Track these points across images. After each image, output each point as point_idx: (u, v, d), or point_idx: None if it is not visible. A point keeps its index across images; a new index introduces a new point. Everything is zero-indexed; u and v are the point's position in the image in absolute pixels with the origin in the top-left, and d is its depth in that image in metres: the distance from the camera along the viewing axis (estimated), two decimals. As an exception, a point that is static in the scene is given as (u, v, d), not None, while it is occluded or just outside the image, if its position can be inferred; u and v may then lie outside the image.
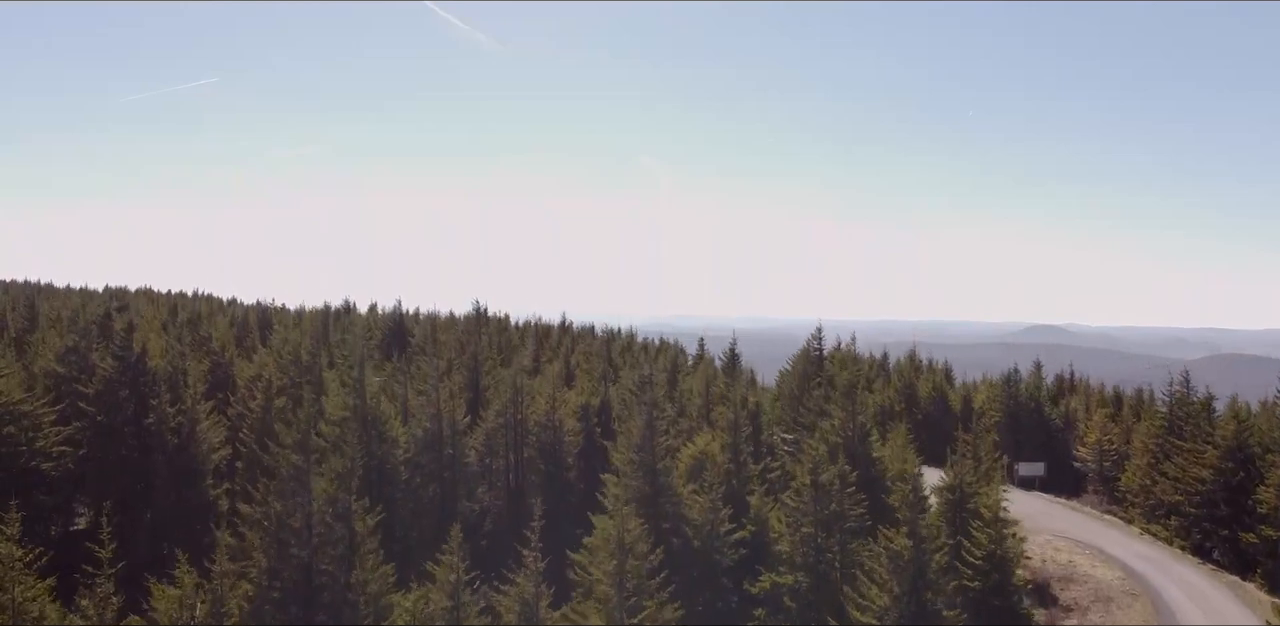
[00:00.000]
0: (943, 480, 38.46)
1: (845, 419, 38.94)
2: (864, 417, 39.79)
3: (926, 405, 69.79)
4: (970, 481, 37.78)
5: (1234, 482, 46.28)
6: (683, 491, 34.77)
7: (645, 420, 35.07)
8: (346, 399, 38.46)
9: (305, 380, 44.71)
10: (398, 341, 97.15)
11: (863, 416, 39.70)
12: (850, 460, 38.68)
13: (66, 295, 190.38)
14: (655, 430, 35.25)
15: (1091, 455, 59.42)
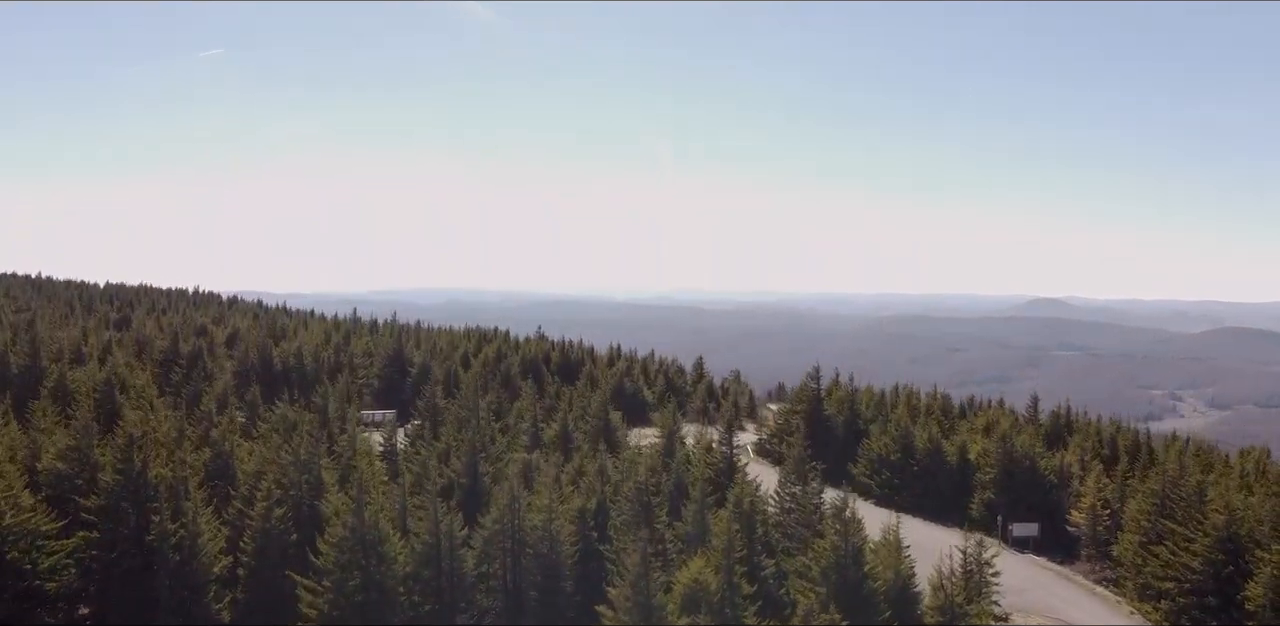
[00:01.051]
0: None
1: (839, 542, 39.30)
2: (857, 539, 40.08)
3: (923, 457, 70.31)
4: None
5: (1223, 574, 46.89)
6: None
7: (640, 556, 35.51)
8: (348, 519, 38.98)
9: (305, 480, 45.16)
10: (399, 371, 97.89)
11: (856, 537, 39.98)
12: (841, 580, 39.40)
13: (66, 292, 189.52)
14: (650, 565, 35.73)
15: (1085, 520, 59.90)
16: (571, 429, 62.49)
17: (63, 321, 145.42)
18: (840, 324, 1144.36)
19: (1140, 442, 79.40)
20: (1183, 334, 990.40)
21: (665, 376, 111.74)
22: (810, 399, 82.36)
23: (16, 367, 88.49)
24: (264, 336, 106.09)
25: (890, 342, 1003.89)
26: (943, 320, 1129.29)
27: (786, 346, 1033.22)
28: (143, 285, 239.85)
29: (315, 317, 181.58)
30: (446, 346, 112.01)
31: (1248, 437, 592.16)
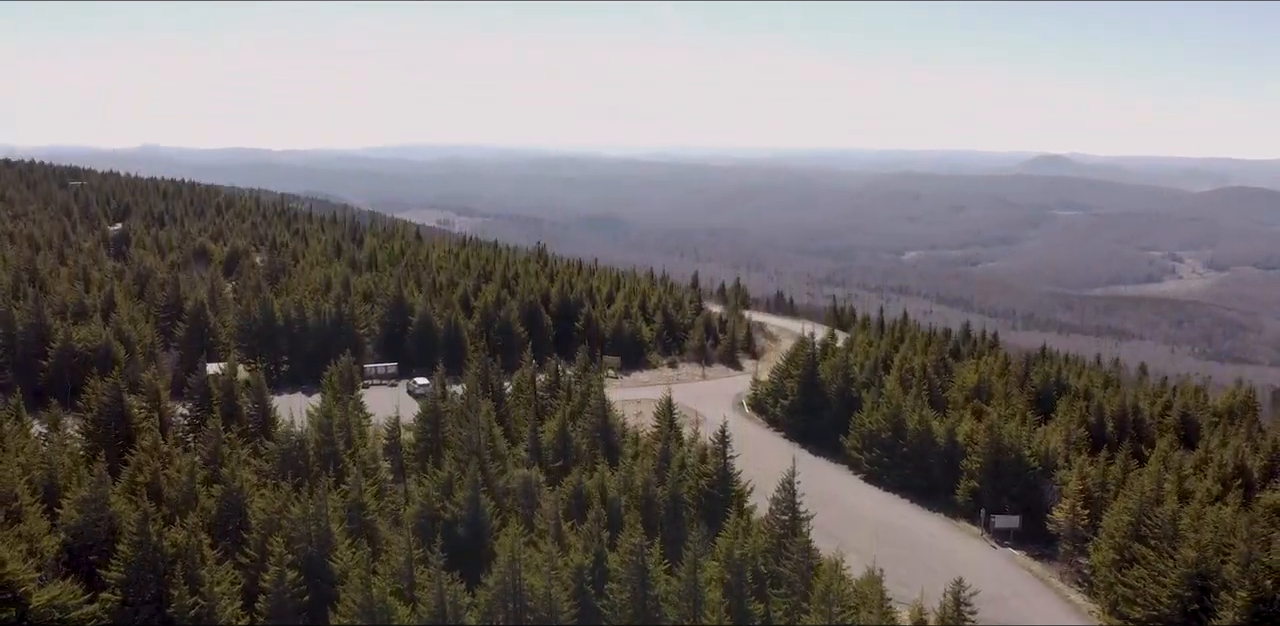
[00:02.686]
0: None
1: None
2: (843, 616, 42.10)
3: (913, 438, 72.20)
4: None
5: (1189, 610, 49.39)
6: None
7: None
8: (356, 597, 40.99)
9: (314, 532, 46.88)
10: (400, 318, 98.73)
11: (842, 614, 42.00)
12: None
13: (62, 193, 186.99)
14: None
15: (1065, 518, 62.14)
16: (570, 430, 63.83)
17: (62, 238, 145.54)
18: (842, 181, 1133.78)
19: (1128, 409, 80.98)
20: (1187, 193, 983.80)
21: (664, 312, 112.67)
22: (806, 364, 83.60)
23: (22, 325, 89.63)
24: (260, 281, 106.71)
25: (892, 201, 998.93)
26: (947, 178, 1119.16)
27: (786, 205, 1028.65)
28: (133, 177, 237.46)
29: (315, 226, 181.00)
30: (446, 283, 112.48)
31: (1244, 300, 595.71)
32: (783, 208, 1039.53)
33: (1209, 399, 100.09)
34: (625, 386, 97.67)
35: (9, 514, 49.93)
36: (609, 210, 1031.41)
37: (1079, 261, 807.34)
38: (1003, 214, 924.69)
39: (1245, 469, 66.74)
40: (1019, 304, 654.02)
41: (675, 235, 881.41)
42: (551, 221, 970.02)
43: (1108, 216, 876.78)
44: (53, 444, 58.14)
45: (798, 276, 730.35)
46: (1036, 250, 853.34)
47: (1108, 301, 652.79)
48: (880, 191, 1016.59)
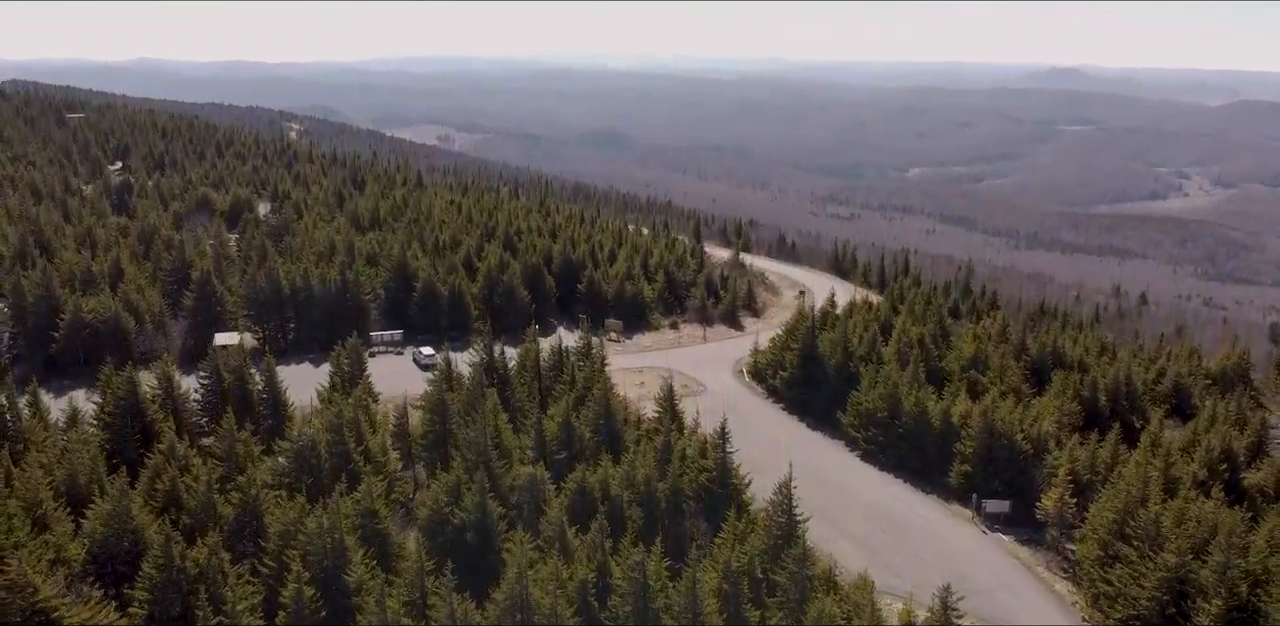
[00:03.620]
0: None
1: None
2: None
3: (909, 420, 73.91)
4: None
5: (1167, 613, 51.70)
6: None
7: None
8: (372, 619, 43.17)
9: (330, 546, 48.83)
10: (404, 283, 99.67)
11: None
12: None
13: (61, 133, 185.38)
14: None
15: (1053, 507, 64.15)
16: (574, 421, 65.43)
17: (64, 186, 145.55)
18: (846, 94, 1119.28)
19: (1121, 383, 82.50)
20: (1198, 107, 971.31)
21: (666, 271, 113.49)
22: (805, 338, 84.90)
23: (32, 296, 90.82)
24: (265, 241, 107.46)
25: (897, 116, 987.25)
26: (954, 91, 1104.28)
27: (789, 120, 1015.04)
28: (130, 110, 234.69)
29: (317, 169, 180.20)
30: (449, 242, 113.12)
31: (1250, 218, 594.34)
32: (786, 123, 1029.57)
33: (1203, 361, 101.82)
34: (627, 351, 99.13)
35: (35, 521, 52.03)
36: (609, 125, 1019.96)
37: (1085, 178, 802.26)
38: (1010, 129, 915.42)
39: (1231, 452, 68.45)
40: (1023, 223, 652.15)
41: (677, 151, 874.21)
42: (550, 138, 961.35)
43: (1116, 132, 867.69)
44: (71, 442, 59.84)
45: (801, 195, 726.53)
46: (1043, 166, 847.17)
47: (1112, 220, 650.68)
48: (885, 106, 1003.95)
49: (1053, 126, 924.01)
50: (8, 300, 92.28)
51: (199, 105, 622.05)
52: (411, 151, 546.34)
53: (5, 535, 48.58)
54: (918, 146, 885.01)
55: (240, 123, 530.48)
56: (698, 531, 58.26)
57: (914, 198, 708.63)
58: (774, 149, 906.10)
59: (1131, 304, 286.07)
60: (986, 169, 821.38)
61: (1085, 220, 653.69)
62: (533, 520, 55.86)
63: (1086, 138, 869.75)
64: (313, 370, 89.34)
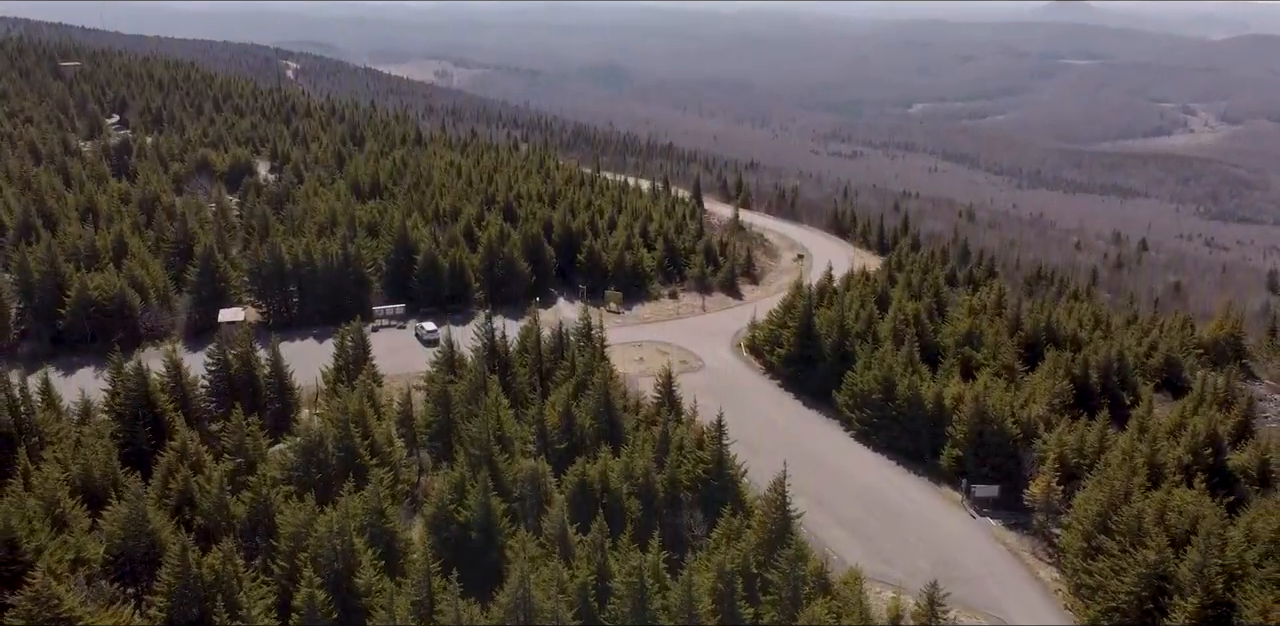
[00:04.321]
0: None
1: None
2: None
3: (902, 402, 75.49)
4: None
5: (1145, 608, 53.79)
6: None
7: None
8: None
9: (340, 548, 50.64)
10: (406, 255, 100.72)
11: None
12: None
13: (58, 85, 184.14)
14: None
15: (1040, 495, 66.03)
16: (574, 409, 66.94)
17: (63, 146, 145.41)
18: (848, 28, 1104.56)
19: (1112, 361, 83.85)
20: (1205, 41, 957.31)
21: (665, 239, 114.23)
22: (802, 316, 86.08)
23: (37, 273, 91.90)
24: (266, 210, 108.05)
25: (899, 50, 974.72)
26: (958, 25, 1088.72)
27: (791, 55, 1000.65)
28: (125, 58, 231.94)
29: (316, 125, 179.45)
30: (449, 210, 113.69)
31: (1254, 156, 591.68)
32: (787, 57, 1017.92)
33: (1195, 330, 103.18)
34: (626, 324, 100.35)
35: (54, 519, 53.88)
36: (609, 59, 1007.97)
37: (1089, 114, 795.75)
38: (1013, 64, 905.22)
39: (1216, 436, 70.05)
40: (1025, 161, 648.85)
41: (677, 86, 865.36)
42: (550, 72, 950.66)
43: (1121, 67, 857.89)
44: (86, 435, 61.47)
45: (802, 132, 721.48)
46: (1046, 102, 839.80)
47: (1115, 158, 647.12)
48: (887, 40, 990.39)
49: (1057, 61, 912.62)
50: (14, 274, 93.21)
51: (191, 42, 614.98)
52: (409, 90, 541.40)
53: (28, 537, 50.38)
54: (920, 82, 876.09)
55: (236, 63, 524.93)
56: (695, 522, 60.18)
57: (916, 135, 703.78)
58: (775, 83, 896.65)
59: (1132, 250, 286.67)
60: (989, 105, 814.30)
61: (1088, 158, 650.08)
62: (535, 516, 57.70)
63: (1091, 73, 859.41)
64: (316, 346, 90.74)
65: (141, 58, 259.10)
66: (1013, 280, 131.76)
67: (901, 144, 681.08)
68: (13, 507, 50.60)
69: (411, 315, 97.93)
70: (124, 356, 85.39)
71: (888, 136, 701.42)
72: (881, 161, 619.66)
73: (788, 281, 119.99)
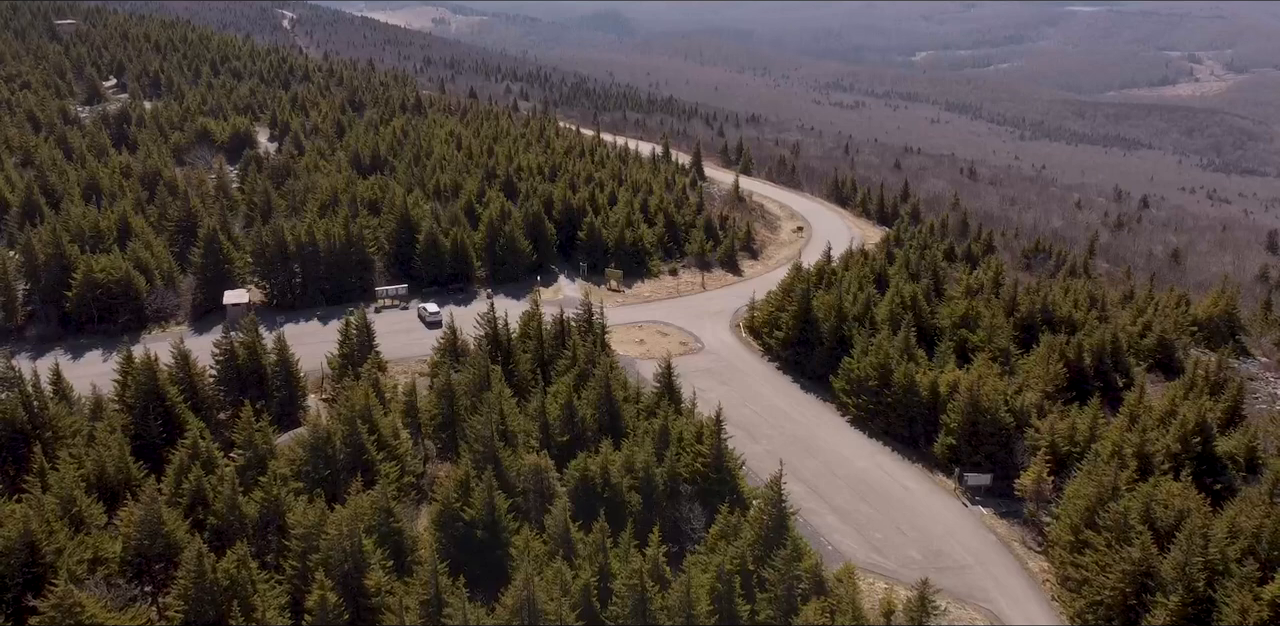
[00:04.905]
0: None
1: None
2: None
3: (898, 390, 76.81)
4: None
5: (1128, 604, 55.63)
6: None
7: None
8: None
9: (350, 549, 52.32)
10: (408, 235, 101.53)
11: None
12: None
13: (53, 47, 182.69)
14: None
15: (1031, 487, 67.64)
16: (576, 402, 68.27)
17: (61, 115, 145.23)
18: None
19: (1106, 345, 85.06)
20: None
21: (665, 214, 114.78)
22: (800, 300, 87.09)
23: (43, 255, 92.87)
24: (269, 188, 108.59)
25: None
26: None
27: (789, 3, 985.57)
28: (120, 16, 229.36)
29: (316, 90, 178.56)
30: (450, 185, 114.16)
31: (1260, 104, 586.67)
32: (790, 4, 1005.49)
33: (1190, 306, 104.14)
34: (627, 303, 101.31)
35: (71, 518, 55.53)
36: (610, 6, 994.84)
37: (1093, 63, 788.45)
38: (1018, 11, 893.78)
39: (1205, 425, 71.45)
40: (1029, 111, 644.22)
41: (679, 35, 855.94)
42: (550, 21, 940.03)
43: (1127, 14, 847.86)
44: (99, 430, 62.94)
45: (804, 82, 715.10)
46: (1050, 51, 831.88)
47: (1119, 109, 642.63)
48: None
49: (1062, 7, 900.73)
50: (19, 255, 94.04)
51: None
52: (407, 40, 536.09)
53: (47, 539, 52.03)
54: (924, 29, 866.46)
55: (230, 12, 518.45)
56: (694, 516, 61.86)
57: (919, 85, 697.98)
58: (777, 31, 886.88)
59: (1133, 207, 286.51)
60: (993, 52, 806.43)
61: (1091, 108, 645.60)
62: (538, 513, 59.33)
63: (1097, 20, 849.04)
64: (320, 327, 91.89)
65: (137, 17, 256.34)
66: (1011, 251, 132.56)
67: (904, 94, 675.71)
68: (32, 510, 52.11)
69: (414, 295, 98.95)
70: (131, 339, 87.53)
71: (890, 86, 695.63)
72: (883, 112, 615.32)
73: (787, 255, 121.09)
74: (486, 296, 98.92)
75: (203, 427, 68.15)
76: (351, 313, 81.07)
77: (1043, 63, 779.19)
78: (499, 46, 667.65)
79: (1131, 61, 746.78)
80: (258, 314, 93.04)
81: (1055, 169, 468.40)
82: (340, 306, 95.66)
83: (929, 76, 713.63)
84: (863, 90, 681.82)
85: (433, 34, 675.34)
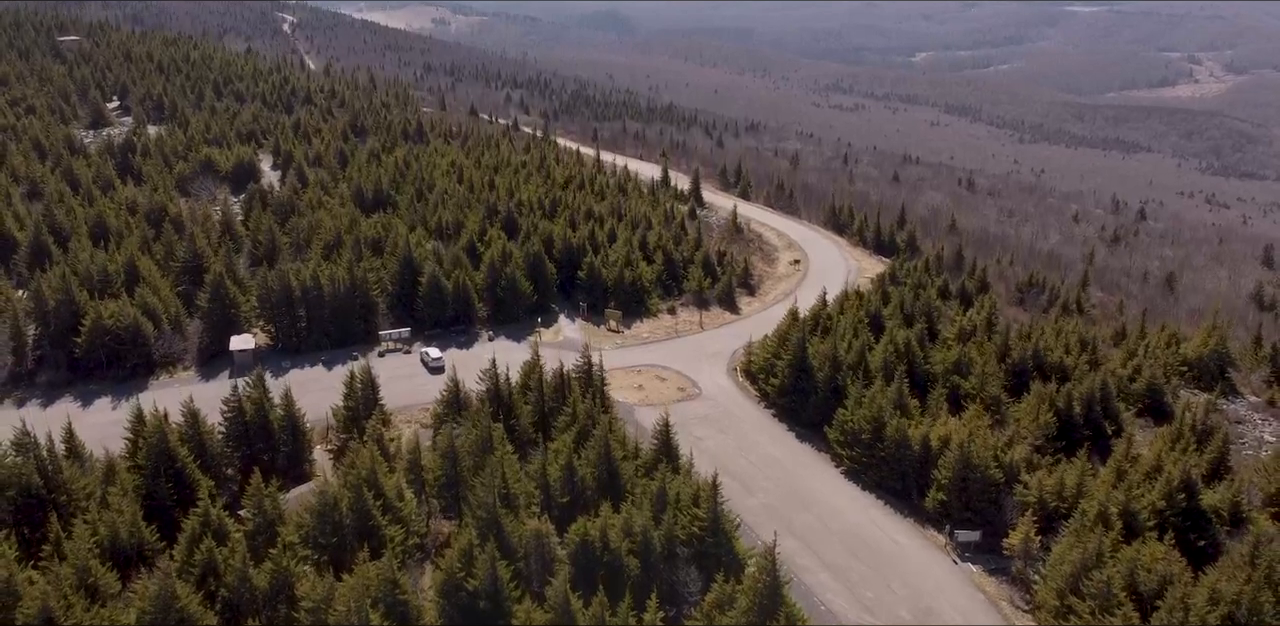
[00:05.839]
0: None
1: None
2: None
3: (890, 444, 78.60)
4: None
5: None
6: None
7: None
8: None
9: (356, 624, 54.10)
10: (410, 278, 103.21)
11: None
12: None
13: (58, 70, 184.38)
14: None
15: (1019, 546, 69.46)
16: (576, 463, 70.05)
17: (67, 143, 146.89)
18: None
19: (1095, 395, 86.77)
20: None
21: (664, 253, 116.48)
22: (796, 349, 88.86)
23: (53, 301, 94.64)
24: (273, 226, 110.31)
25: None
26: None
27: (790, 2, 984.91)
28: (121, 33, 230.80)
29: (318, 115, 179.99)
30: (452, 224, 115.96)
31: (1259, 106, 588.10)
32: (791, 4, 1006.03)
33: (1180, 345, 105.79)
34: (626, 344, 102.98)
35: (87, 588, 57.39)
36: (610, 6, 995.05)
37: (1093, 63, 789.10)
38: (1018, 10, 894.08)
39: (1190, 481, 73.25)
40: (1028, 113, 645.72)
41: (679, 35, 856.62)
42: (550, 20, 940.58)
43: (1128, 14, 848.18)
44: (112, 495, 64.74)
45: (804, 83, 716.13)
46: (1051, 51, 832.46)
47: (1118, 111, 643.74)
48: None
49: (1062, 7, 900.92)
50: (28, 301, 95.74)
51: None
52: (407, 45, 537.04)
53: (64, 612, 53.92)
54: (925, 29, 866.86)
55: (231, 16, 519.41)
56: (690, 580, 63.67)
57: (919, 86, 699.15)
58: (777, 30, 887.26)
59: (1130, 218, 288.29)
60: (993, 53, 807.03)
61: (1090, 111, 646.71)
62: (540, 579, 61.13)
63: (1097, 20, 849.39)
64: (325, 373, 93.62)
65: (140, 33, 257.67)
66: (1006, 280, 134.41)
67: (904, 96, 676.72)
68: (50, 584, 53.98)
69: (416, 337, 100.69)
70: (139, 385, 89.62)
71: (890, 88, 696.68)
72: (883, 115, 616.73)
73: (784, 290, 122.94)
74: (488, 339, 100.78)
75: (212, 486, 70.34)
76: (355, 355, 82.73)
77: (1042, 63, 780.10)
78: (499, 47, 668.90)
79: (1131, 62, 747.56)
80: (263, 357, 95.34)
81: (1054, 173, 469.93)
82: (345, 349, 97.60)
83: (929, 78, 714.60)
84: (862, 92, 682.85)
85: (433, 35, 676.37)
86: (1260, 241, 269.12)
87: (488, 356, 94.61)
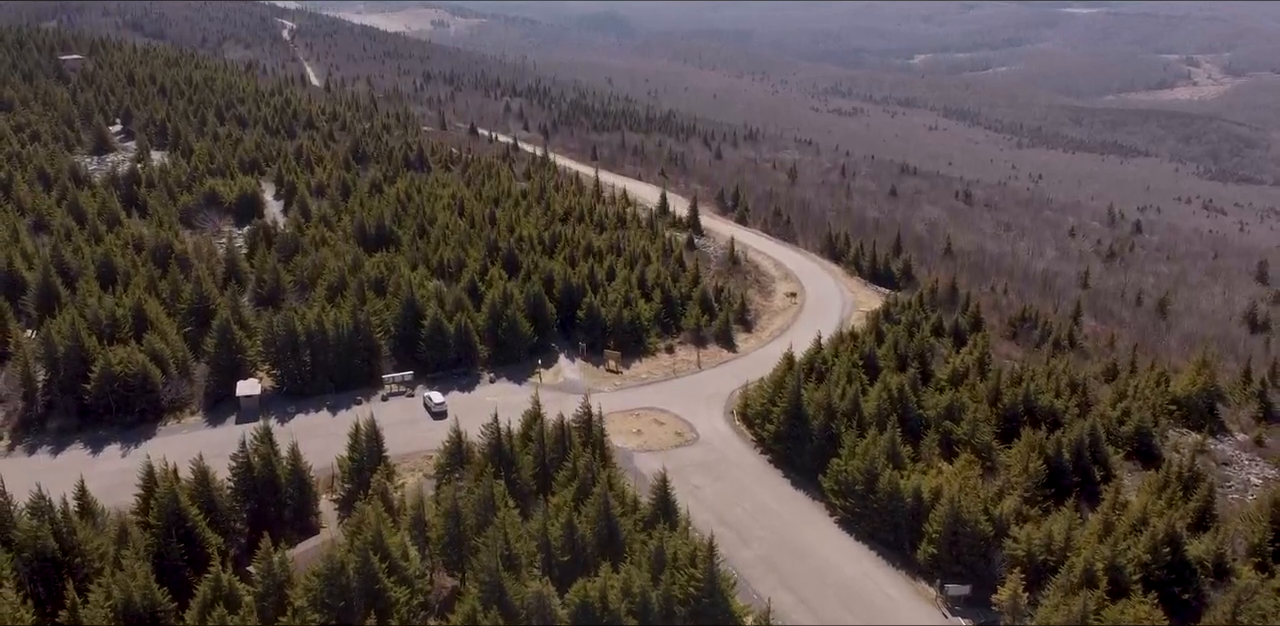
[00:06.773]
0: None
1: None
2: None
3: (882, 496, 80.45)
4: None
5: (1095, 735, 59.38)
6: None
7: None
8: None
9: None
10: (413, 319, 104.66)
11: None
12: None
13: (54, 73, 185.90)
14: None
15: (1007, 602, 71.34)
16: (576, 522, 71.90)
17: (71, 174, 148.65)
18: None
19: (1084, 442, 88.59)
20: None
21: (662, 290, 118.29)
22: (791, 396, 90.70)
23: (62, 347, 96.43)
24: (276, 265, 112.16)
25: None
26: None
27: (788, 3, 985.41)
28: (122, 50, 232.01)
29: (319, 139, 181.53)
30: (454, 262, 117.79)
31: (1257, 108, 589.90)
32: (790, 5, 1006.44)
33: (1169, 383, 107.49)
34: (625, 386, 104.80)
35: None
36: (608, 7, 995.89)
37: (1091, 66, 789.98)
38: (1016, 12, 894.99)
39: (1175, 534, 75.11)
40: (1026, 117, 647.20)
41: (678, 38, 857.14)
42: (549, 22, 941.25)
43: (1125, 15, 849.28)
44: (125, 558, 66.58)
45: (802, 87, 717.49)
46: (1049, 53, 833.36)
47: (1116, 115, 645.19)
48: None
49: (1060, 8, 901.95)
50: (38, 346, 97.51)
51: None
52: (407, 52, 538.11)
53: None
54: (923, 31, 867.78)
55: (231, 23, 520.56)
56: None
57: (918, 89, 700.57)
58: (777, 32, 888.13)
59: (1127, 231, 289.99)
60: (991, 55, 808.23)
61: (1088, 114, 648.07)
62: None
63: (1095, 22, 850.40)
64: (329, 419, 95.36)
65: (142, 52, 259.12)
66: (1001, 312, 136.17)
67: (902, 99, 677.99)
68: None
69: (419, 380, 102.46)
70: (147, 431, 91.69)
71: (889, 91, 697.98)
72: (882, 119, 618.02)
73: (781, 324, 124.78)
74: (490, 381, 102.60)
75: (221, 542, 72.21)
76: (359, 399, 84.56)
77: (1041, 65, 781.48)
78: (498, 51, 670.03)
79: (1129, 64, 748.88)
80: (268, 401, 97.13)
81: (1051, 179, 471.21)
82: (349, 393, 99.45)
83: (927, 80, 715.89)
84: (861, 95, 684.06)
85: (432, 40, 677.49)
86: (1255, 253, 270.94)
87: (489, 399, 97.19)
